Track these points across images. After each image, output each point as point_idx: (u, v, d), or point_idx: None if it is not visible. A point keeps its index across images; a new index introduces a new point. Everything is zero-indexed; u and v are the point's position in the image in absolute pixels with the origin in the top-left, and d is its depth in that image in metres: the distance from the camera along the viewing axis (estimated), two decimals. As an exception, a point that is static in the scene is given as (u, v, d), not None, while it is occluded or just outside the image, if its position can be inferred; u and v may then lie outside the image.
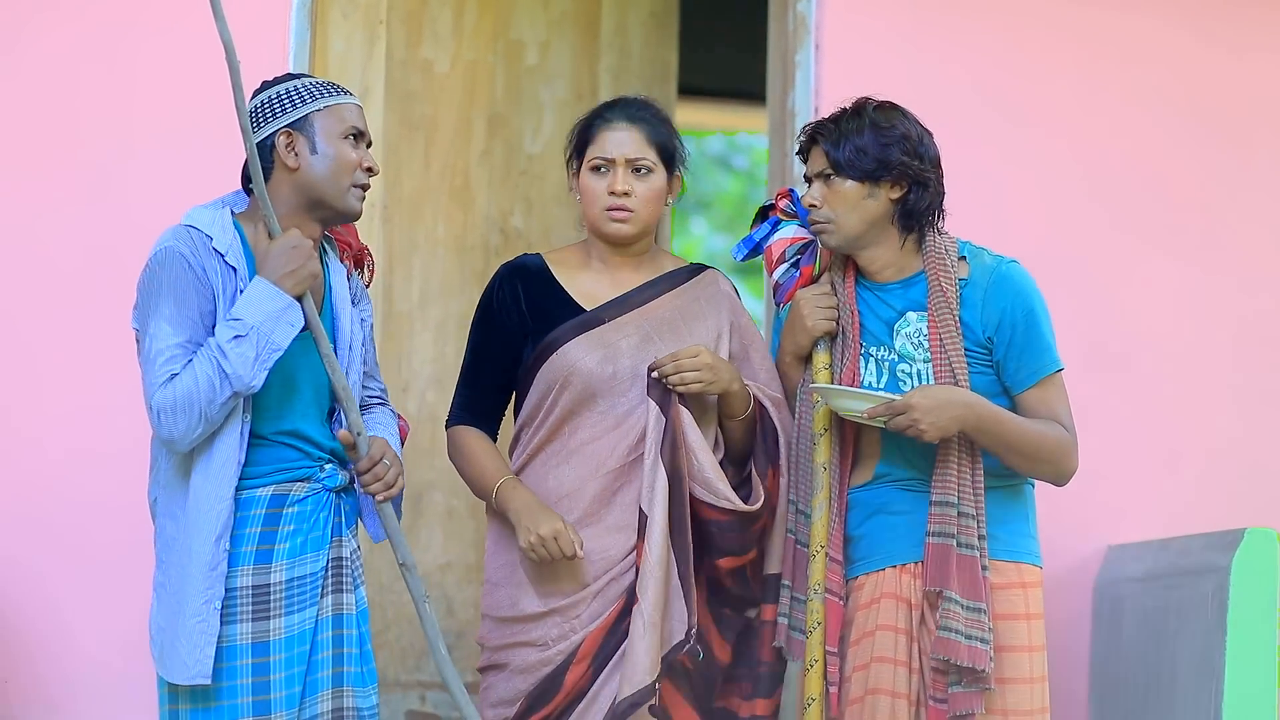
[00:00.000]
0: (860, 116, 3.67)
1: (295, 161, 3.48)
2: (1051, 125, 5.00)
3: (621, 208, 3.71)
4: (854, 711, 3.64)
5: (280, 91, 3.52)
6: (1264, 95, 5.14)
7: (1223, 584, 4.30)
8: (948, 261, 3.67)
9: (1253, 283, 5.09)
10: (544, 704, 3.64)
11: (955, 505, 3.58)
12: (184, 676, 3.34)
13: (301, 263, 3.40)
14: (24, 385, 4.51)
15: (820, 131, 3.69)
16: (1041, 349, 3.66)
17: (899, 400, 3.53)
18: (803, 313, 3.74)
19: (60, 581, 4.46)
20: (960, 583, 3.57)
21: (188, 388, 3.31)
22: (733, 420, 3.72)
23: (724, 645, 3.70)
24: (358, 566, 3.54)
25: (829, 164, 3.65)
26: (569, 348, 3.69)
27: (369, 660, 3.53)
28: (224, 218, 3.47)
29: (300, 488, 3.48)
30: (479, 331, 3.81)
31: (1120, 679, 4.70)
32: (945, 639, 3.55)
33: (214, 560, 3.35)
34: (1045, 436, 3.62)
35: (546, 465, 3.71)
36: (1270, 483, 5.00)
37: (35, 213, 4.54)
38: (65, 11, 4.61)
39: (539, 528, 3.59)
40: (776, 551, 3.73)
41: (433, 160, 5.93)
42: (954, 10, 4.99)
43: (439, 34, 5.98)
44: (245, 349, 3.32)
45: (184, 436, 3.34)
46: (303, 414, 3.50)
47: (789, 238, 3.82)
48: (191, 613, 3.34)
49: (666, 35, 6.22)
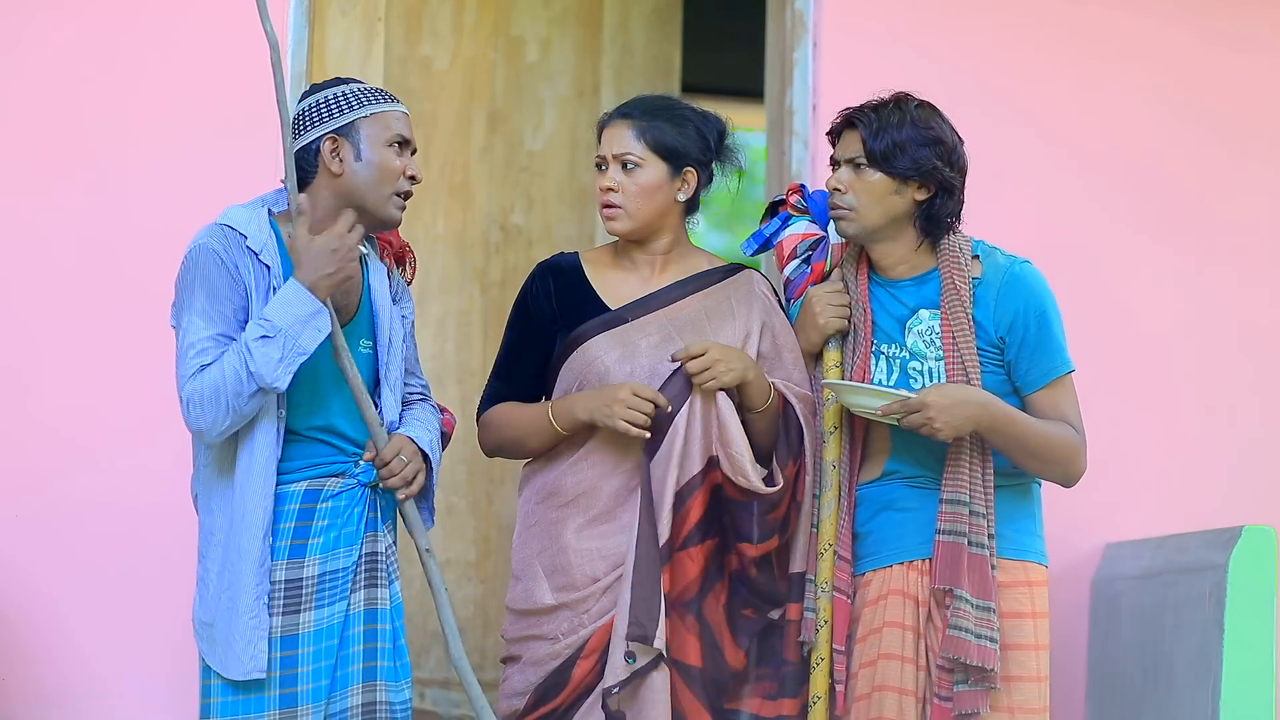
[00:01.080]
0: (901, 110, 3.64)
1: (339, 167, 3.49)
2: (1049, 123, 5.00)
3: (608, 204, 3.73)
4: (860, 708, 3.64)
5: (327, 96, 3.53)
6: (1261, 93, 5.14)
7: (1220, 581, 4.31)
8: (961, 260, 3.66)
9: (1251, 281, 5.09)
10: (552, 697, 3.66)
11: (967, 504, 3.58)
12: (240, 672, 3.39)
13: (339, 266, 3.41)
14: (16, 384, 4.52)
15: (859, 118, 3.66)
16: (1053, 350, 3.66)
17: (914, 398, 3.52)
18: (815, 310, 3.73)
19: (57, 580, 4.47)
20: (971, 581, 3.57)
21: (215, 381, 3.34)
22: (753, 413, 3.70)
23: (737, 651, 3.68)
24: (393, 561, 3.57)
25: (863, 152, 3.63)
26: (590, 345, 3.72)
27: (402, 655, 3.55)
28: (260, 216, 3.49)
29: (334, 483, 3.50)
30: (513, 329, 3.83)
31: (1118, 676, 4.70)
32: (956, 638, 3.54)
33: (262, 556, 3.40)
34: (1056, 438, 3.62)
35: (566, 461, 3.73)
36: (1268, 480, 5.01)
37: (36, 209, 4.55)
38: (67, 11, 4.62)
39: (615, 402, 3.61)
40: (802, 549, 3.72)
41: (432, 157, 5.93)
42: (951, 8, 4.99)
43: (438, 31, 5.98)
44: (271, 350, 3.34)
45: (212, 428, 3.37)
46: (337, 410, 3.52)
47: (800, 233, 3.82)
48: (244, 609, 3.39)
49: (670, 32, 6.22)
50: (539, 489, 3.76)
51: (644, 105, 3.79)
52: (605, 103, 6.01)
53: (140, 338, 4.42)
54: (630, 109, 3.78)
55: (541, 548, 3.72)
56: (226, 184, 4.45)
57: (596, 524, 3.68)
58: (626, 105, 3.81)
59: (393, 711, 3.52)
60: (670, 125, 3.74)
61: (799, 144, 4.86)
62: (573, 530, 3.69)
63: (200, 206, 4.34)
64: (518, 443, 3.79)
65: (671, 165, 3.74)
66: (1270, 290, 5.10)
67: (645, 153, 3.72)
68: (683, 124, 3.76)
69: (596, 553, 3.66)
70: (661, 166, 3.73)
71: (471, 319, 5.96)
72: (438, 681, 5.68)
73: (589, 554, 3.66)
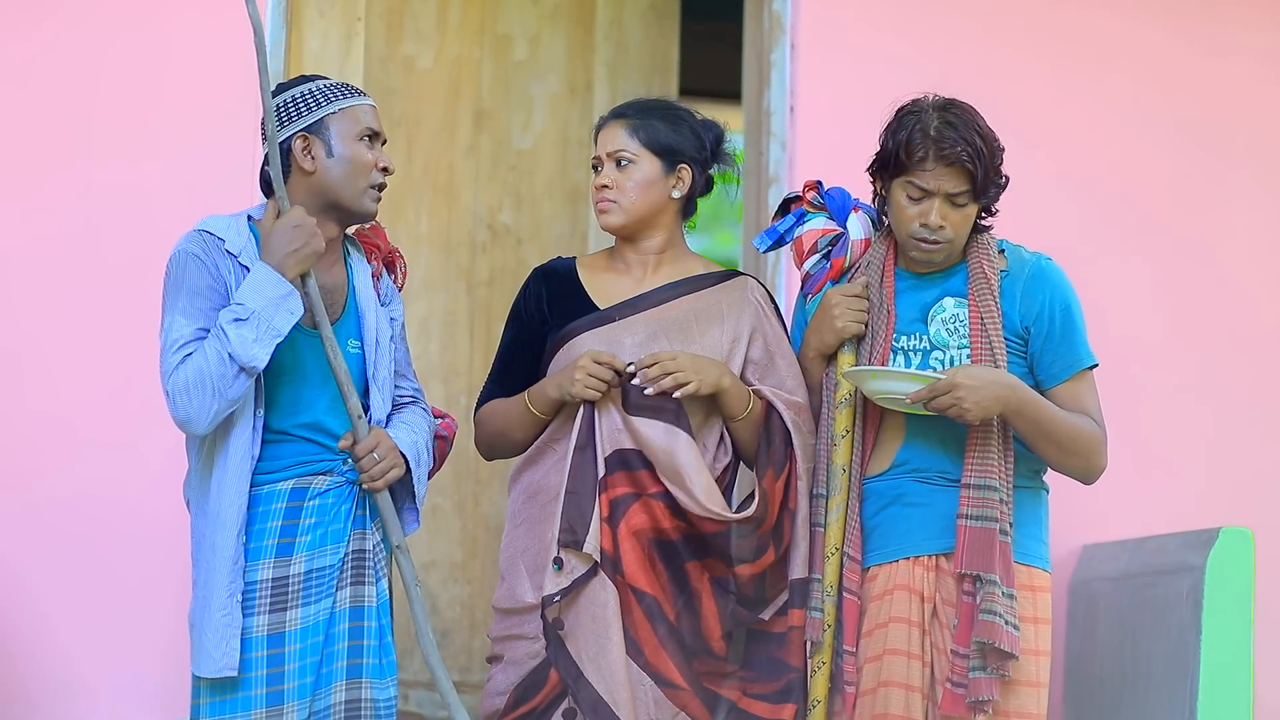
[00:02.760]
0: (986, 141, 3.66)
1: (312, 165, 3.53)
2: (1028, 126, 4.98)
3: (603, 199, 3.76)
4: (866, 703, 3.64)
5: (294, 95, 3.56)
6: (1240, 97, 5.13)
7: (1198, 583, 4.31)
8: (989, 252, 3.70)
9: (1229, 284, 5.09)
10: (531, 697, 3.67)
11: (997, 490, 3.58)
12: (211, 669, 3.41)
13: (305, 240, 3.44)
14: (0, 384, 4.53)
15: (971, 157, 3.62)
16: (1077, 343, 3.68)
17: (943, 379, 3.52)
18: (833, 314, 3.73)
19: (37, 580, 4.47)
20: (1000, 567, 3.56)
21: (199, 366, 3.36)
22: (735, 421, 3.72)
23: (716, 627, 3.67)
24: (380, 559, 3.58)
25: (970, 188, 3.63)
26: (575, 342, 3.74)
27: (389, 652, 3.56)
28: (239, 223, 3.53)
29: (321, 481, 3.53)
30: (508, 332, 3.87)
31: (1095, 678, 4.70)
32: (989, 622, 3.53)
33: (235, 554, 3.42)
34: (1080, 429, 3.63)
35: (550, 460, 3.75)
36: (1245, 482, 5.01)
37: (29, 209, 4.56)
38: (70, 13, 4.64)
39: (575, 369, 3.66)
40: (801, 556, 3.72)
41: (415, 156, 5.92)
42: (930, 11, 4.99)
43: (421, 30, 5.97)
44: (246, 331, 3.36)
45: (200, 416, 3.38)
46: (324, 408, 3.54)
47: (820, 229, 3.81)
48: (217, 606, 3.41)
49: (667, 28, 6.18)
50: (525, 487, 3.78)
51: (639, 105, 3.84)
52: (599, 100, 6.01)
53: (126, 337, 4.44)
54: (625, 109, 3.83)
55: (525, 546, 3.74)
56: (213, 177, 4.49)
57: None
58: (621, 106, 3.85)
59: (377, 708, 3.53)
60: (664, 123, 3.78)
61: (776, 145, 4.86)
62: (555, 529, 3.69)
63: (191, 201, 4.39)
64: (503, 434, 3.82)
65: (665, 162, 3.76)
66: (1248, 292, 5.10)
67: (639, 149, 3.75)
68: (677, 123, 3.79)
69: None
70: (655, 162, 3.76)
71: (457, 319, 5.95)
72: (422, 683, 5.66)
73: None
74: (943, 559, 3.64)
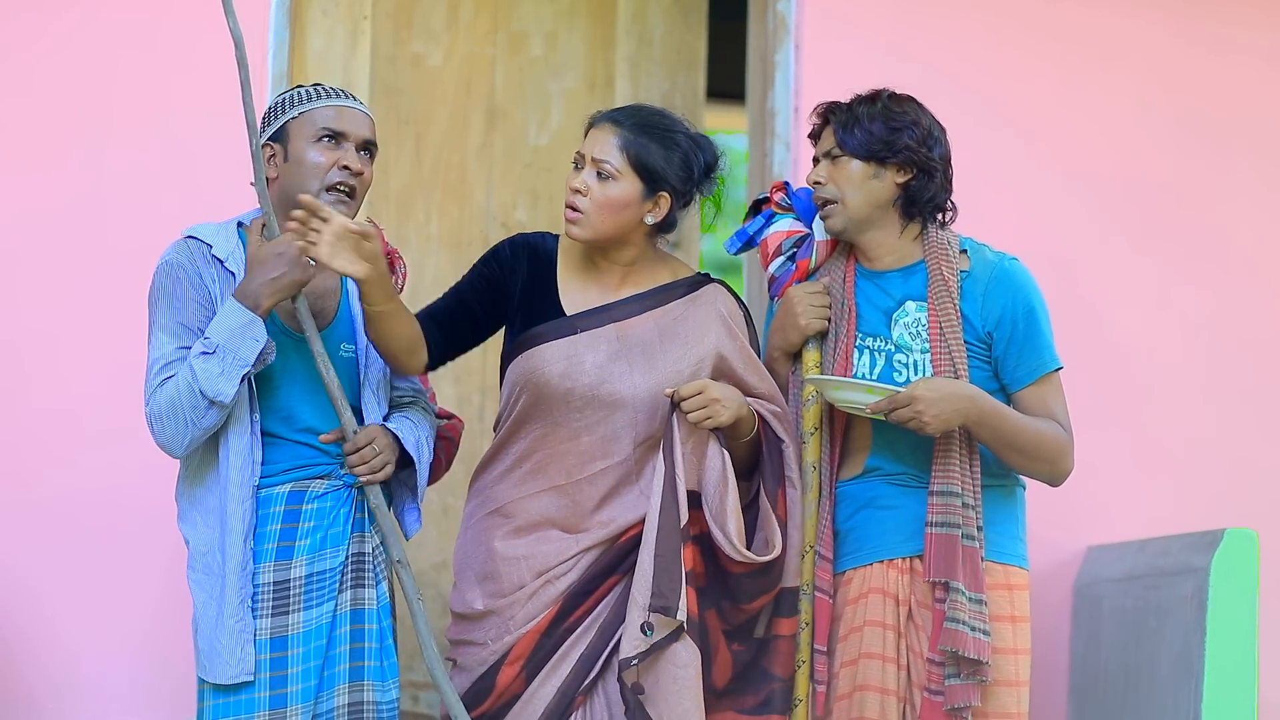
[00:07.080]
0: (874, 102, 3.69)
1: (274, 172, 3.55)
2: (1031, 125, 5.00)
3: (572, 206, 3.67)
4: (842, 707, 3.65)
5: (271, 106, 3.61)
6: (1242, 95, 5.12)
7: (1202, 585, 4.30)
8: (949, 252, 3.68)
9: (1232, 282, 5.07)
10: (479, 703, 3.68)
11: (959, 495, 3.58)
12: (227, 675, 3.44)
13: (284, 269, 3.43)
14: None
15: (832, 112, 3.71)
16: (1041, 346, 3.66)
17: (902, 392, 3.52)
18: (795, 311, 3.73)
19: (41, 580, 4.49)
20: (965, 574, 3.57)
21: (171, 397, 3.40)
22: (738, 440, 3.69)
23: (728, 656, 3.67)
24: (380, 562, 3.60)
25: (836, 143, 3.67)
26: (536, 352, 3.69)
27: (390, 655, 3.58)
28: (228, 229, 3.56)
29: (319, 484, 3.55)
30: (474, 270, 3.79)
31: (1099, 680, 4.69)
32: (953, 630, 3.54)
33: (244, 560, 3.45)
34: (1044, 434, 3.62)
35: (497, 471, 3.77)
36: (1249, 483, 4.99)
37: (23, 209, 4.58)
38: (72, 16, 4.66)
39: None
40: (794, 565, 3.70)
41: (424, 155, 5.91)
42: (933, 10, 4.99)
43: (431, 28, 5.96)
44: (211, 365, 3.38)
45: (174, 442, 3.43)
46: (318, 412, 3.56)
47: (785, 230, 3.82)
48: (230, 613, 3.43)
49: (694, 22, 6.09)
50: (477, 494, 3.79)
51: (638, 116, 3.71)
52: (619, 95, 5.97)
53: (131, 333, 4.42)
54: (623, 116, 3.70)
55: (472, 554, 3.75)
56: (219, 173, 4.50)
57: (522, 534, 3.69)
58: (621, 111, 3.74)
59: (379, 711, 3.56)
60: (658, 145, 3.66)
61: (780, 146, 4.86)
62: (500, 537, 3.71)
63: (196, 197, 4.40)
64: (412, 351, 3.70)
65: (647, 186, 3.67)
66: (1253, 291, 5.08)
67: (624, 166, 3.64)
68: (671, 147, 3.68)
69: (523, 560, 3.68)
70: (637, 185, 3.66)
71: (468, 318, 5.94)
72: (430, 685, 5.66)
73: (516, 561, 3.68)
74: (916, 561, 3.64)
